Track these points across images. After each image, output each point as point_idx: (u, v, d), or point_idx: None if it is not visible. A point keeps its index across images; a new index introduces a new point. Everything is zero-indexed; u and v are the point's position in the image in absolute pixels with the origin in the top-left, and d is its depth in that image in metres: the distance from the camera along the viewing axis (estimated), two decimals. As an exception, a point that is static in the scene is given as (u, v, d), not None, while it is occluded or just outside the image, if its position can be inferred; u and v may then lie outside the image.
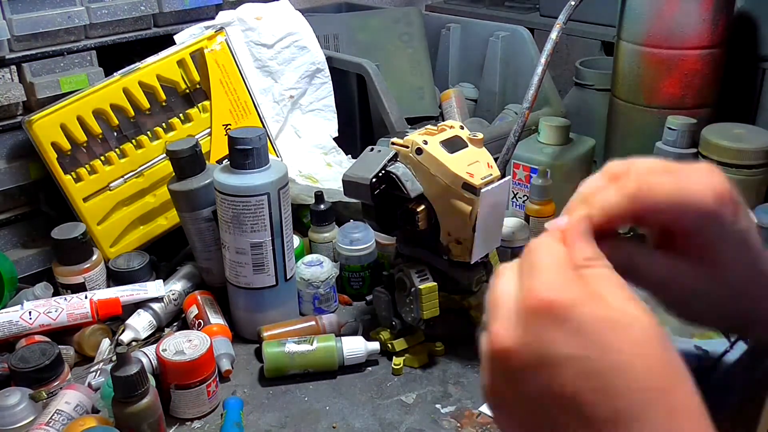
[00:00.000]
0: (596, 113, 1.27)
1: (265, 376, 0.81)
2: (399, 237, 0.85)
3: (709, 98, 1.12)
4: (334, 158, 1.21)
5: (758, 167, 1.03)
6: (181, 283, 0.94)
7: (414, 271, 0.81)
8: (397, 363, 0.82)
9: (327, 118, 1.23)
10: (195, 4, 1.09)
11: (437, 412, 0.76)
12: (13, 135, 0.94)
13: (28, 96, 0.94)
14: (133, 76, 0.96)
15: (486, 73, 1.39)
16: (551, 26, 1.04)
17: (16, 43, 0.93)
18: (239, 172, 0.82)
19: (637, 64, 1.11)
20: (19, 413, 0.70)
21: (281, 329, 0.85)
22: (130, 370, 0.66)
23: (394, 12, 1.44)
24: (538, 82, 1.00)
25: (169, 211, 0.98)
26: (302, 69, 1.19)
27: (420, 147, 0.77)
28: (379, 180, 0.79)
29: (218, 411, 0.77)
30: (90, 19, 0.98)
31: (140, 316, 0.88)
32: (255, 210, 0.82)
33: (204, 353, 0.75)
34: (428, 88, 1.38)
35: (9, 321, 0.82)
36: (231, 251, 0.85)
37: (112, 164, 0.95)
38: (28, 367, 0.74)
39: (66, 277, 0.89)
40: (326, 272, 0.92)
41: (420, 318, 0.80)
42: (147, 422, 0.68)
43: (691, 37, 1.06)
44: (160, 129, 0.99)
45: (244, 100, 1.06)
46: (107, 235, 0.95)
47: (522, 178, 1.08)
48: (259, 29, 1.16)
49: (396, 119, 1.11)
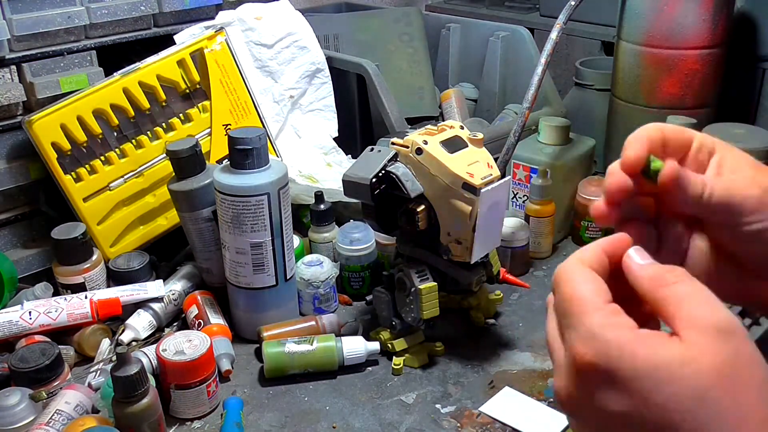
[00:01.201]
0: (596, 113, 1.27)
1: (265, 376, 0.81)
2: (399, 237, 0.85)
3: (709, 98, 1.12)
4: (334, 158, 1.21)
5: (758, 167, 1.03)
6: (181, 283, 0.94)
7: (414, 271, 0.81)
8: (397, 363, 0.82)
9: (327, 118, 1.23)
10: (195, 4, 1.09)
11: (437, 412, 0.76)
12: (13, 135, 0.94)
13: (28, 96, 0.94)
14: (133, 76, 0.96)
15: (486, 73, 1.39)
16: (551, 26, 1.04)
17: (16, 43, 0.93)
18: (239, 172, 0.82)
19: (637, 64, 1.11)
20: (19, 413, 0.70)
21: (281, 329, 0.85)
22: (130, 370, 0.66)
23: (394, 12, 1.44)
24: (538, 82, 1.00)
25: (169, 211, 0.98)
26: (302, 69, 1.19)
27: (420, 147, 0.77)
28: (379, 180, 0.79)
29: (218, 411, 0.77)
30: (90, 19, 0.98)
31: (140, 316, 0.88)
32: (255, 210, 0.82)
33: (204, 353, 0.75)
34: (428, 88, 1.38)
35: (9, 321, 0.82)
36: (231, 251, 0.85)
37: (112, 164, 0.95)
38: (28, 367, 0.74)
39: (66, 277, 0.89)
40: (326, 272, 0.92)
41: (420, 318, 0.80)
42: (147, 422, 0.68)
43: (691, 37, 1.06)
44: (160, 129, 0.99)
45: (244, 100, 1.06)
46: (107, 235, 0.95)
47: (522, 178, 1.08)
48: (259, 29, 1.16)
49: (396, 119, 1.11)
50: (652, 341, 0.35)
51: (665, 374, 0.34)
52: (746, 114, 1.21)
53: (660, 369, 0.34)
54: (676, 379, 0.34)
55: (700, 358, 0.34)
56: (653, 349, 0.35)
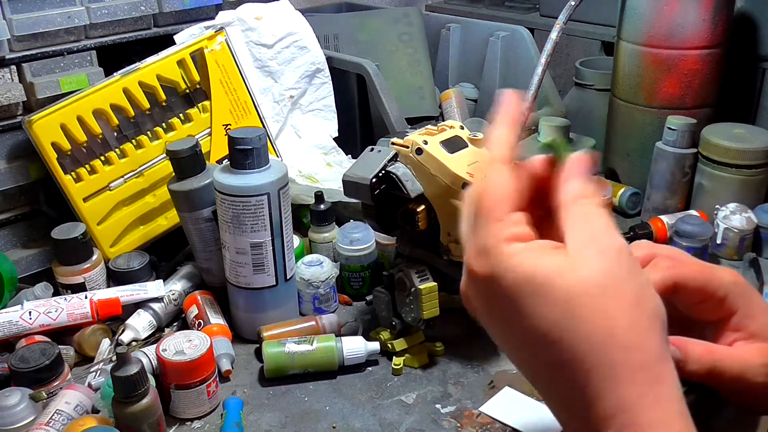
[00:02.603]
0: (596, 113, 1.27)
1: (265, 376, 0.81)
2: (399, 237, 0.85)
3: (709, 98, 1.12)
4: (334, 158, 1.21)
5: (758, 167, 1.03)
6: (181, 283, 0.94)
7: (414, 271, 0.81)
8: (397, 363, 0.82)
9: (327, 118, 1.23)
10: (195, 4, 1.09)
11: (437, 412, 0.76)
12: (13, 135, 0.94)
13: (28, 96, 0.94)
14: (133, 76, 0.96)
15: (486, 73, 1.40)
16: (551, 26, 1.05)
17: (16, 43, 0.93)
18: (239, 172, 0.82)
19: (637, 64, 1.11)
20: (19, 413, 0.70)
21: (281, 329, 0.85)
22: (130, 370, 0.66)
23: (394, 12, 1.44)
24: (538, 82, 1.00)
25: (169, 211, 0.98)
26: (302, 69, 1.19)
27: (420, 147, 0.77)
28: (379, 180, 0.79)
29: (218, 411, 0.77)
30: (90, 19, 0.98)
31: (140, 316, 0.88)
32: (255, 210, 0.82)
33: (204, 353, 0.75)
34: (428, 88, 1.38)
35: (9, 321, 0.82)
36: (231, 251, 0.85)
37: (112, 164, 0.95)
38: (28, 367, 0.74)
39: (66, 277, 0.89)
40: (326, 272, 0.92)
41: (420, 318, 0.80)
42: (147, 422, 0.68)
43: (691, 37, 1.06)
44: (160, 129, 0.99)
45: (244, 100, 1.06)
46: (107, 235, 0.95)
47: (522, 178, 1.08)
48: (259, 29, 1.16)
49: (396, 119, 1.11)
50: (537, 253, 0.37)
51: (540, 283, 0.36)
52: (746, 114, 1.21)
53: (536, 278, 0.36)
54: (549, 287, 0.36)
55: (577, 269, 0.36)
56: (535, 260, 0.37)
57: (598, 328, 0.35)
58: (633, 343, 0.35)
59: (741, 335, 0.49)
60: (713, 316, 0.50)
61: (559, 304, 0.35)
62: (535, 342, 0.37)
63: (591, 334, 0.35)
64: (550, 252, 0.37)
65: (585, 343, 0.35)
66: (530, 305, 0.36)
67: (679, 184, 1.09)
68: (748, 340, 0.49)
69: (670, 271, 0.48)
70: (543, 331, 0.36)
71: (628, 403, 0.34)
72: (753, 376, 0.48)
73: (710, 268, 0.50)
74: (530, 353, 0.38)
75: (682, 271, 0.48)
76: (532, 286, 0.36)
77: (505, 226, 0.38)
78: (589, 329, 0.35)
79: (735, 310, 0.49)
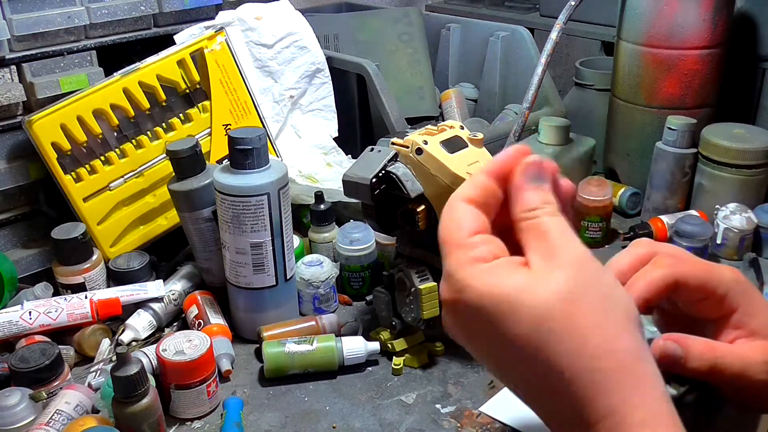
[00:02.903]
0: (596, 113, 1.28)
1: (265, 376, 0.81)
2: (399, 237, 0.85)
3: (709, 98, 1.12)
4: (334, 158, 1.21)
5: (758, 167, 1.03)
6: (181, 283, 0.94)
7: (414, 271, 0.80)
8: (397, 363, 0.82)
9: (327, 118, 1.23)
10: (195, 4, 1.09)
11: (437, 412, 0.76)
12: (13, 135, 0.94)
13: (28, 96, 0.94)
14: (133, 76, 0.96)
15: (486, 73, 1.40)
16: (551, 26, 1.04)
17: (16, 43, 0.93)
18: (239, 172, 0.82)
19: (637, 64, 1.11)
20: (19, 413, 0.70)
21: (281, 329, 0.85)
22: (130, 370, 0.66)
23: (394, 12, 1.44)
24: (538, 82, 1.00)
25: (169, 211, 0.98)
26: (302, 69, 1.19)
27: (420, 147, 0.77)
28: (379, 180, 0.79)
29: (218, 411, 0.77)
30: (90, 19, 0.98)
31: (140, 316, 0.88)
32: (255, 210, 0.82)
33: (204, 353, 0.75)
34: (428, 88, 1.38)
35: (9, 321, 0.82)
36: (231, 251, 0.85)
37: (112, 164, 0.95)
38: (28, 367, 0.74)
39: (66, 277, 0.89)
40: (326, 272, 0.92)
41: (420, 318, 0.80)
42: (147, 422, 0.68)
43: (691, 37, 1.06)
44: (160, 129, 0.99)
45: (244, 100, 1.06)
46: (107, 235, 0.95)
47: (522, 178, 1.08)
48: (259, 29, 1.16)
49: (396, 119, 1.11)
50: (500, 271, 0.38)
51: (506, 304, 0.37)
52: (746, 114, 1.21)
53: (501, 298, 0.37)
54: (515, 306, 0.36)
55: (540, 285, 0.36)
56: (498, 280, 0.37)
57: (571, 341, 0.35)
58: (607, 348, 0.35)
59: (742, 333, 0.49)
60: (714, 314, 0.50)
61: (528, 323, 0.36)
62: (511, 359, 0.37)
63: (565, 348, 0.35)
64: (514, 270, 0.38)
65: (560, 357, 0.35)
66: (500, 325, 0.37)
67: (679, 184, 1.09)
68: (748, 337, 0.49)
69: (671, 268, 0.48)
70: (516, 349, 0.36)
71: (613, 408, 0.35)
72: (754, 374, 0.48)
73: (711, 266, 0.50)
74: (509, 370, 0.39)
75: (683, 269, 0.48)
76: (498, 305, 0.37)
77: (465, 250, 0.39)
78: (562, 344, 0.35)
79: (736, 308, 0.49)
